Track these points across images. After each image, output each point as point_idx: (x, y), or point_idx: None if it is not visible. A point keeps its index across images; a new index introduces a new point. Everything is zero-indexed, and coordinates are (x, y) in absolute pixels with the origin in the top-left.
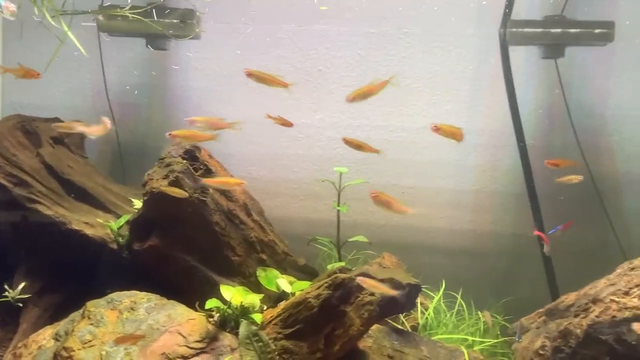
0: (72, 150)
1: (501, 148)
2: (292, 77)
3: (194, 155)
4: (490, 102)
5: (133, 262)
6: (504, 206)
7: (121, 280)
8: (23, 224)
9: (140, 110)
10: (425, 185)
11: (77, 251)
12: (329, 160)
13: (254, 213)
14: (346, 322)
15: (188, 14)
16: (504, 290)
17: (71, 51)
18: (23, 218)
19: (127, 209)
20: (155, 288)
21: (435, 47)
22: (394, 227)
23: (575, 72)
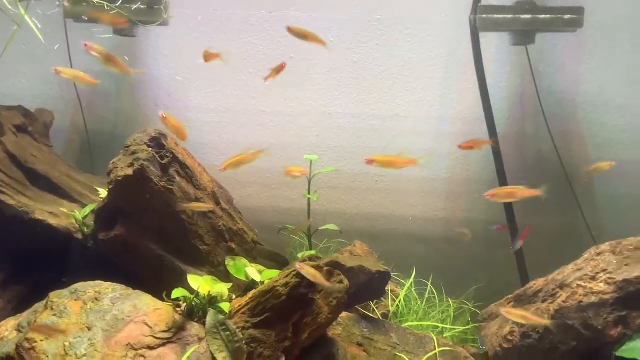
0: (36, 139)
1: (474, 135)
2: (263, 64)
3: (160, 143)
4: (462, 89)
5: (99, 252)
6: (477, 194)
7: (87, 270)
8: None
9: (108, 98)
10: (398, 174)
11: (41, 241)
12: (301, 149)
13: (223, 202)
14: (314, 310)
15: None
16: (475, 277)
17: (38, 38)
18: None
19: (93, 198)
20: (121, 278)
21: (408, 34)
22: (366, 215)
23: (546, 58)
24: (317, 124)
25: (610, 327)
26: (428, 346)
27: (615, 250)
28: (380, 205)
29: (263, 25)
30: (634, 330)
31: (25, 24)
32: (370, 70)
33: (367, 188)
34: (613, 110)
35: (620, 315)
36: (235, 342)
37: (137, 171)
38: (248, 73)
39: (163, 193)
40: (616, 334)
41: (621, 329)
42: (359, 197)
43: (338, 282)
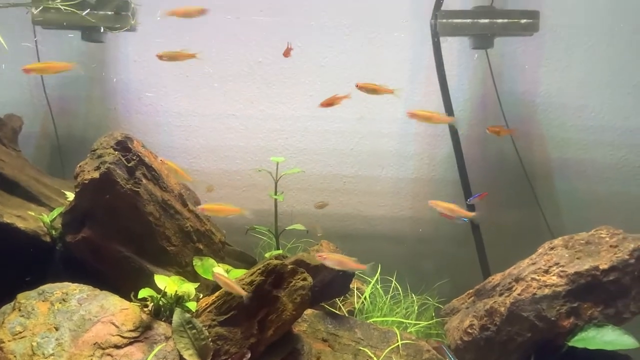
0: (4, 143)
1: (438, 137)
2: (232, 69)
3: (126, 146)
4: (426, 92)
5: (67, 254)
6: (442, 193)
7: (55, 272)
8: None
9: (78, 103)
10: (365, 174)
11: (9, 244)
12: (269, 152)
13: (190, 203)
14: (279, 307)
15: (123, 5)
16: (440, 274)
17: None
18: None
19: (61, 201)
20: (90, 280)
21: (374, 39)
22: (336, 215)
23: (506, 61)
24: (285, 127)
25: (562, 318)
26: (391, 340)
27: (567, 244)
28: (349, 206)
29: (232, 30)
30: (585, 321)
31: None
32: (337, 74)
33: (336, 189)
34: (571, 110)
35: (572, 307)
36: (202, 340)
37: (103, 174)
38: (217, 77)
39: (129, 195)
40: (569, 324)
41: (573, 320)
42: (327, 198)
43: (302, 279)
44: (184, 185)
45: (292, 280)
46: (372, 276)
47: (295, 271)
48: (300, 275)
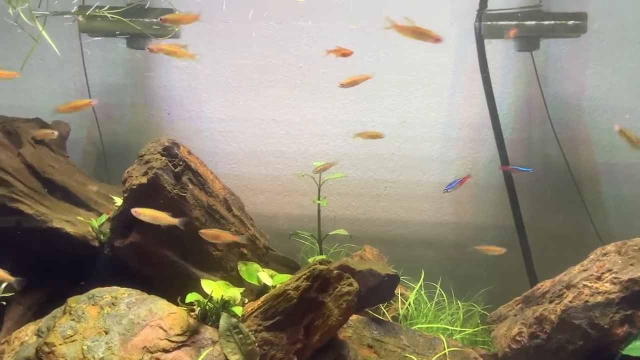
0: (53, 149)
1: (481, 141)
2: (273, 74)
3: (173, 152)
4: (469, 95)
5: (115, 259)
6: (484, 198)
7: (103, 276)
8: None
9: (123, 110)
10: (406, 179)
11: (58, 249)
12: (310, 156)
13: (235, 208)
14: (325, 313)
15: (167, 12)
16: (485, 280)
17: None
18: (4, 217)
19: (109, 206)
20: (137, 284)
21: (416, 42)
22: (376, 220)
23: (552, 64)
24: (326, 132)
25: (616, 326)
26: (438, 348)
27: (620, 250)
28: (390, 211)
29: (273, 36)
30: (639, 329)
31: (41, 38)
32: (378, 78)
33: (377, 194)
34: (619, 113)
35: (626, 314)
36: (248, 345)
37: (151, 179)
38: (259, 83)
39: (176, 200)
40: (622, 332)
41: (627, 328)
42: (368, 202)
43: (347, 285)
44: (228, 190)
45: (338, 285)
46: (417, 282)
47: (341, 276)
48: (346, 281)
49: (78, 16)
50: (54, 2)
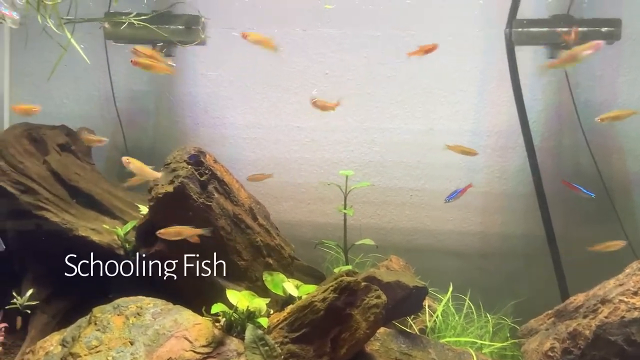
0: (78, 157)
1: (510, 149)
2: (298, 81)
3: (199, 160)
4: (497, 103)
5: (140, 268)
6: (513, 207)
7: (128, 286)
8: (30, 231)
9: (147, 116)
10: (433, 188)
11: (84, 257)
12: (335, 164)
13: (260, 217)
14: (352, 326)
15: (193, 20)
16: (513, 292)
17: (79, 59)
18: (30, 225)
19: (134, 214)
20: (161, 293)
21: (442, 48)
22: (402, 230)
23: (583, 71)
24: (352, 139)
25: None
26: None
27: None
28: (416, 220)
29: (298, 42)
30: None
31: (66, 45)
32: (404, 85)
33: (402, 202)
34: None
35: None
36: (274, 357)
37: (177, 188)
38: (283, 90)
39: (202, 209)
40: None
41: None
42: (394, 211)
43: (375, 297)
44: (254, 199)
45: (365, 297)
46: (444, 293)
47: (368, 288)
48: (374, 293)
49: (104, 23)
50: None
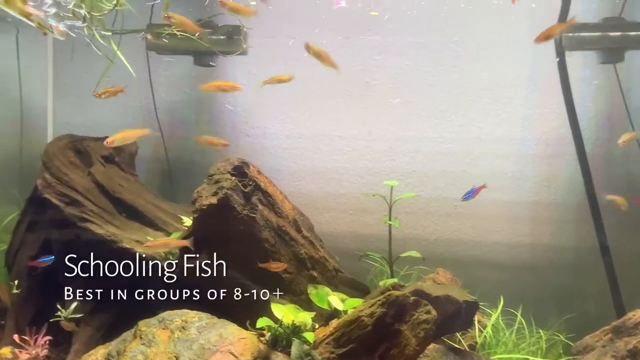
0: (122, 168)
1: (558, 158)
2: (339, 90)
3: (242, 171)
4: (545, 110)
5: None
6: (564, 218)
7: (172, 298)
8: (75, 243)
9: (188, 127)
10: (478, 198)
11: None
12: (377, 174)
13: (304, 229)
14: (401, 342)
15: (235, 30)
16: (566, 306)
17: (120, 70)
18: (75, 237)
19: (177, 226)
20: (205, 306)
21: (487, 55)
22: (446, 241)
23: (636, 76)
24: (394, 148)
25: None
26: None
27: None
28: (460, 231)
29: (339, 51)
30: None
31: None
32: (448, 93)
33: (446, 213)
34: None
35: None
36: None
37: (221, 200)
38: (324, 98)
39: (246, 221)
40: None
41: None
42: (437, 222)
43: (425, 312)
44: (298, 211)
45: (415, 312)
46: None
47: (418, 303)
48: (423, 308)
49: (146, 34)
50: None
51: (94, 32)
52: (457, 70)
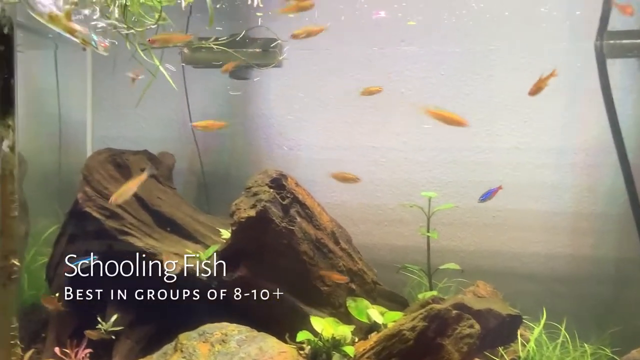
0: (160, 181)
1: (599, 167)
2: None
3: (280, 183)
4: (585, 119)
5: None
6: (605, 228)
7: (210, 311)
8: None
9: (223, 139)
10: (517, 208)
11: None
12: (413, 185)
13: (342, 241)
14: (444, 356)
15: (270, 42)
16: (609, 320)
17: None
18: (115, 250)
19: (215, 239)
20: (244, 319)
21: (524, 64)
22: (485, 252)
23: None
24: (430, 159)
25: None
26: None
27: None
28: (499, 242)
29: (373, 61)
30: None
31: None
32: (485, 103)
33: (485, 224)
34: None
35: None
36: None
37: (259, 212)
38: (358, 109)
39: (285, 234)
40: None
41: None
42: (475, 233)
43: (468, 326)
44: (335, 223)
45: (457, 327)
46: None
47: (460, 317)
48: (466, 322)
49: (182, 48)
50: None
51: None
52: (494, 79)
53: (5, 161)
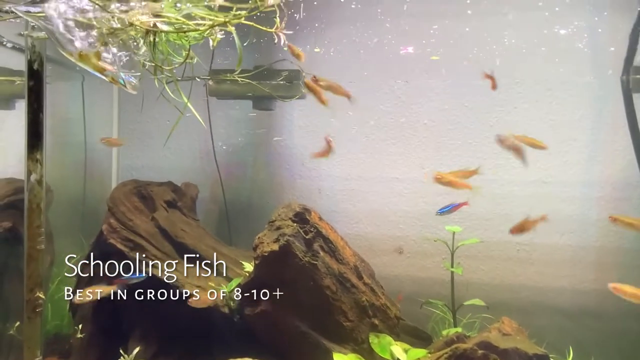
0: (184, 213)
1: (626, 201)
2: (396, 132)
3: (304, 217)
4: (611, 152)
5: (244, 327)
6: (632, 263)
7: (232, 344)
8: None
9: (245, 169)
10: (542, 242)
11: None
12: (435, 216)
13: (365, 276)
14: None
15: (294, 75)
16: (636, 356)
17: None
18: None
19: (238, 271)
20: (266, 353)
21: (549, 96)
22: (509, 286)
23: None
24: (453, 191)
25: None
26: None
27: None
28: (523, 276)
29: (396, 92)
30: None
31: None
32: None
33: (508, 257)
34: None
35: None
36: None
37: (282, 247)
38: (381, 140)
39: (307, 268)
40: None
41: None
42: (499, 266)
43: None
44: (359, 257)
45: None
46: (559, 358)
47: (486, 357)
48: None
49: (208, 80)
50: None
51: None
52: (518, 111)
53: (32, 194)
